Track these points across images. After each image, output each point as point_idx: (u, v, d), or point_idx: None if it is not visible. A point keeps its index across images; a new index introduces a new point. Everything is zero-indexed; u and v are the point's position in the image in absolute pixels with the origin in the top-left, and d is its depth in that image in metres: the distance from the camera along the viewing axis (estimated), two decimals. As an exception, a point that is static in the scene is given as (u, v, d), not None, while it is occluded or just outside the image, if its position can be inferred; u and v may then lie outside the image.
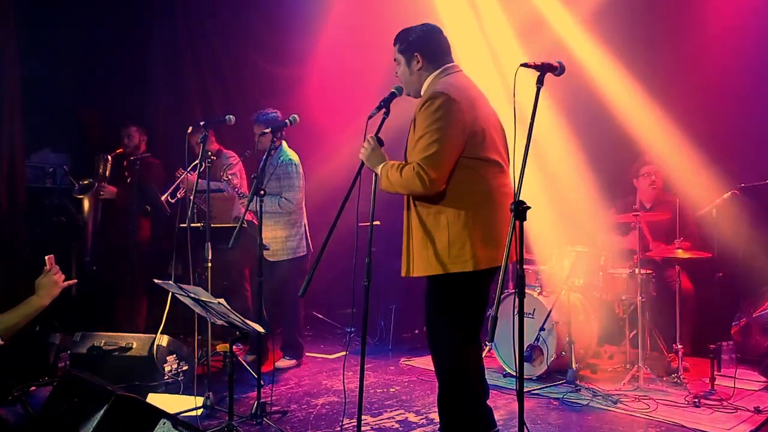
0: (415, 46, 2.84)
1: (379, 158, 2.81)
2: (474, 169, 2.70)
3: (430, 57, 2.84)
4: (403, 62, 2.89)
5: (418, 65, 2.85)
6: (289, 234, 4.62)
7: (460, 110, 2.65)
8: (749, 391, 4.09)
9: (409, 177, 2.64)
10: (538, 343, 4.36)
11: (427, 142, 2.63)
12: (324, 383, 4.35)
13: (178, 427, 2.43)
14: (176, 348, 4.19)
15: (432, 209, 2.72)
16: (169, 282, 2.95)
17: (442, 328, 2.82)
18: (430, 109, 2.65)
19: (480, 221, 2.69)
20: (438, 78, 2.82)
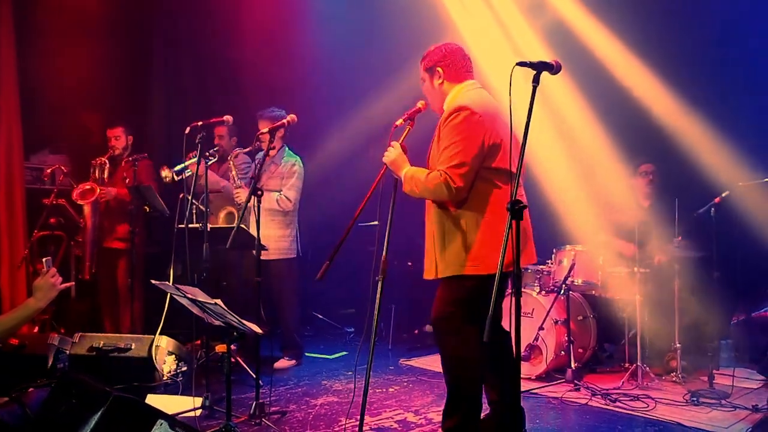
0: (438, 63, 3.02)
1: (404, 163, 2.97)
2: (491, 180, 2.87)
3: (452, 74, 3.01)
4: (427, 79, 3.07)
5: (440, 81, 3.02)
6: (282, 234, 4.62)
7: (481, 123, 2.82)
8: (747, 389, 4.10)
9: (436, 184, 2.80)
10: (537, 342, 4.37)
11: (452, 152, 2.79)
12: (323, 383, 4.35)
13: (175, 428, 2.43)
14: (175, 349, 4.19)
15: (452, 215, 2.90)
16: (166, 283, 2.95)
17: (453, 331, 2.92)
18: (455, 122, 2.82)
19: (495, 228, 2.82)
20: (459, 93, 2.98)
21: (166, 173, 4.38)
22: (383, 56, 6.05)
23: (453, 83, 3.02)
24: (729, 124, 4.88)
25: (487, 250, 2.82)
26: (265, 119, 4.56)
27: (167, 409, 3.34)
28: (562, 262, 4.55)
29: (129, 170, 4.90)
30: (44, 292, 2.70)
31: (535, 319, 4.40)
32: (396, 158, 2.98)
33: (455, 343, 2.92)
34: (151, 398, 3.72)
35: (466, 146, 2.79)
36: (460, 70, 3.02)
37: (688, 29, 5.05)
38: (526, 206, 2.32)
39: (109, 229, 5.12)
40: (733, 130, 4.84)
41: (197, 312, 3.05)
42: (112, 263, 5.14)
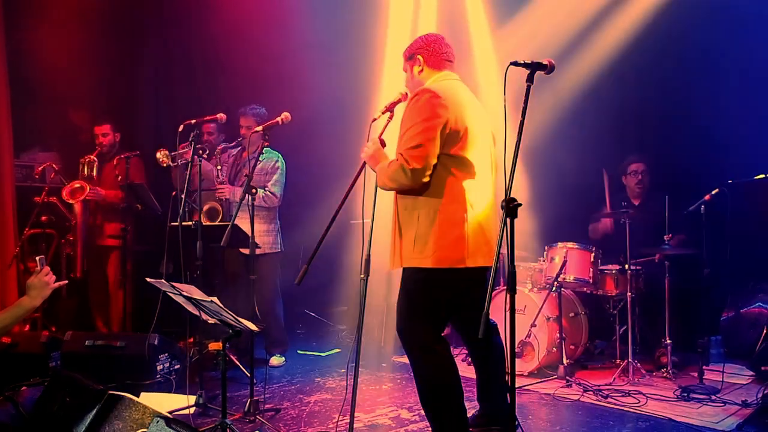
0: (418, 51, 2.99)
1: (380, 158, 2.90)
2: (449, 168, 2.78)
3: (431, 62, 2.97)
4: (408, 68, 3.04)
5: (419, 69, 2.99)
6: (267, 229, 4.61)
7: (443, 106, 2.74)
8: (737, 384, 4.14)
9: (394, 169, 2.74)
10: (530, 339, 4.39)
11: (410, 135, 2.73)
12: (317, 381, 4.35)
13: (171, 426, 2.43)
14: (168, 347, 4.18)
15: (409, 205, 2.83)
16: (161, 280, 2.94)
17: (410, 324, 2.87)
18: (415, 105, 2.77)
19: (448, 221, 2.76)
20: (434, 82, 2.93)
21: (161, 155, 4.34)
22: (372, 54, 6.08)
23: (432, 71, 2.97)
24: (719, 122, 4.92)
25: (442, 242, 2.74)
26: (248, 116, 4.57)
27: (161, 407, 3.33)
28: (554, 259, 4.58)
29: (121, 168, 4.88)
30: (38, 291, 2.69)
31: (527, 316, 4.43)
32: (373, 153, 2.90)
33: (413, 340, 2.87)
34: (145, 396, 3.71)
35: (425, 128, 2.71)
36: (440, 58, 2.97)
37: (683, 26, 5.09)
38: (520, 204, 2.33)
39: (101, 227, 5.10)
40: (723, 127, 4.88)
41: (192, 310, 3.04)
42: (103, 261, 5.12)
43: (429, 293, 2.82)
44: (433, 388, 2.85)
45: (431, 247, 2.74)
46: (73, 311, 5.37)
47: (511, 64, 2.50)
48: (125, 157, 4.86)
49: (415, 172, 2.69)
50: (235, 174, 4.68)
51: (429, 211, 2.77)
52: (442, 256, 2.74)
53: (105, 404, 2.63)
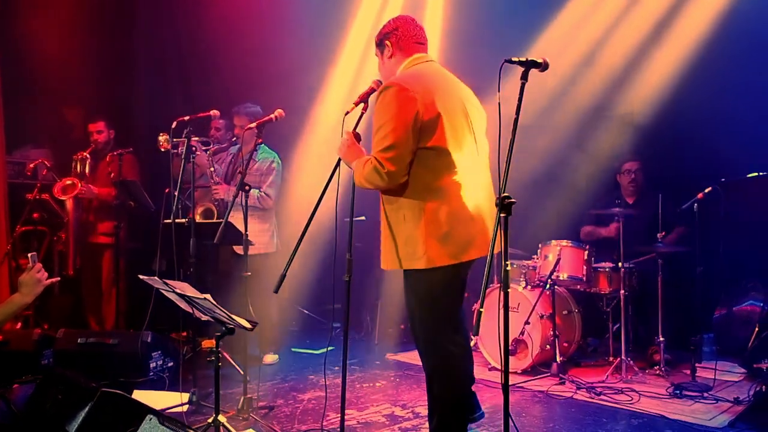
0: (386, 35, 2.86)
1: (355, 154, 2.77)
2: (427, 162, 2.66)
3: (402, 45, 2.83)
4: (379, 55, 2.92)
5: (389, 54, 2.86)
6: (261, 228, 4.57)
7: (410, 99, 2.60)
8: (729, 382, 4.16)
9: (369, 171, 2.62)
10: (523, 336, 4.40)
11: (381, 135, 2.61)
12: (310, 378, 4.35)
13: (164, 423, 2.42)
14: (161, 344, 4.16)
15: (394, 205, 2.73)
16: (154, 277, 2.93)
17: (418, 322, 2.82)
18: (383, 101, 2.64)
19: (435, 218, 2.66)
20: (405, 68, 2.82)
21: (163, 139, 4.28)
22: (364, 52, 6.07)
23: (403, 56, 2.84)
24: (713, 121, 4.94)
25: (432, 240, 2.65)
26: (242, 115, 4.54)
27: (154, 404, 3.32)
28: (548, 257, 4.59)
29: (114, 165, 4.86)
30: (30, 288, 2.67)
31: (520, 313, 4.44)
32: (347, 149, 2.77)
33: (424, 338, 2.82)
34: (138, 394, 3.70)
35: (395, 127, 2.58)
36: (410, 41, 2.84)
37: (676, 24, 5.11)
38: (514, 202, 2.32)
39: (93, 224, 5.08)
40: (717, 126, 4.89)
41: (185, 307, 3.03)
42: (96, 258, 5.10)
43: (429, 294, 2.75)
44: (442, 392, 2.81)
45: (422, 247, 2.65)
46: (65, 309, 5.35)
47: (505, 61, 2.49)
48: (119, 154, 4.84)
49: (390, 174, 2.59)
50: (232, 174, 4.66)
51: (414, 209, 2.67)
52: (434, 255, 2.65)
53: (97, 402, 2.62)
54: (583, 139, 5.61)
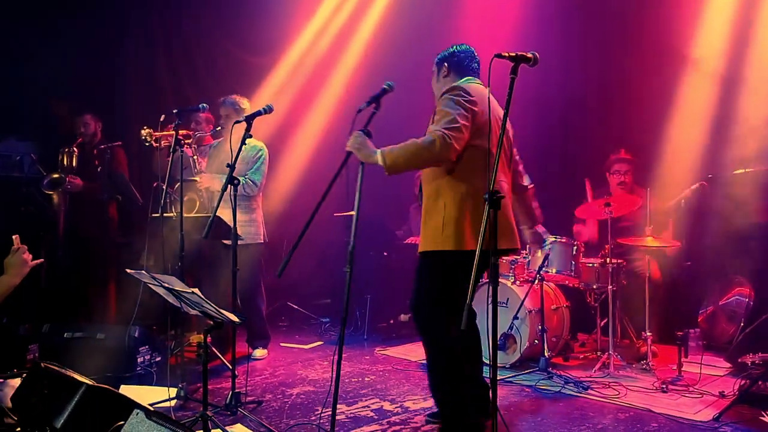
0: (446, 59, 3.26)
1: (369, 147, 2.99)
2: (474, 159, 2.99)
3: (456, 69, 3.23)
4: (435, 72, 3.31)
5: (444, 74, 3.25)
6: (248, 219, 4.55)
7: (473, 101, 3.00)
8: (714, 376, 4.19)
9: (430, 141, 2.89)
10: (512, 331, 4.42)
11: (448, 117, 2.94)
12: (299, 373, 4.35)
13: (151, 418, 2.40)
14: (149, 339, 4.13)
15: (433, 194, 3.09)
16: (141, 272, 2.91)
17: (430, 307, 3.09)
18: (450, 95, 3.02)
19: (472, 205, 2.98)
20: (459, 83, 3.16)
21: (146, 133, 4.25)
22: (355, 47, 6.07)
23: (456, 77, 3.21)
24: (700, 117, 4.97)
25: (462, 226, 2.97)
26: (227, 106, 4.52)
27: (141, 399, 3.30)
28: (537, 252, 4.60)
29: (101, 158, 4.82)
30: (17, 269, 2.68)
31: (509, 308, 4.45)
32: (360, 144, 2.99)
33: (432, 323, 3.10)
34: (125, 389, 3.69)
35: (461, 115, 2.94)
36: (463, 68, 3.22)
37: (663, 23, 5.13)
38: (503, 196, 2.36)
39: (81, 218, 5.03)
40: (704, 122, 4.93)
41: (173, 301, 3.01)
42: (83, 252, 5.05)
43: (458, 275, 2.93)
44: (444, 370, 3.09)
45: (456, 230, 2.97)
46: (54, 302, 5.30)
47: (495, 56, 2.50)
48: (106, 147, 4.80)
49: (449, 146, 2.87)
50: (218, 165, 4.63)
51: (455, 199, 3.00)
52: (470, 240, 2.95)
53: (84, 397, 2.60)
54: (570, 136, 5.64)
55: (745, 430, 3.25)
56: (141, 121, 5.70)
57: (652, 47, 5.15)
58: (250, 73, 6.14)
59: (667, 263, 4.78)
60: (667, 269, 4.79)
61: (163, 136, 4.23)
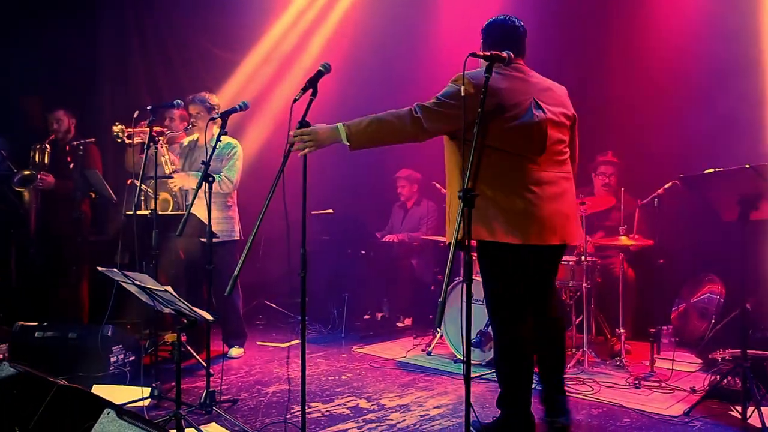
0: (484, 34, 3.05)
1: (331, 128, 2.79)
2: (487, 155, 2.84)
3: (493, 48, 2.88)
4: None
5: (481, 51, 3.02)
6: (223, 216, 4.53)
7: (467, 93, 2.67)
8: (686, 372, 4.27)
9: (402, 113, 2.80)
10: (488, 329, 4.44)
11: (432, 100, 2.83)
12: (275, 372, 4.33)
13: (122, 417, 2.38)
14: (122, 338, 4.08)
15: (452, 188, 3.01)
16: (113, 269, 2.88)
17: (488, 295, 3.06)
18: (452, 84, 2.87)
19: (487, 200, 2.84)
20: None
21: (118, 129, 4.19)
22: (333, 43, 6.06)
23: None
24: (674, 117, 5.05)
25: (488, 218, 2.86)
26: (197, 103, 4.48)
27: (114, 399, 3.28)
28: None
29: (74, 155, 4.75)
30: None
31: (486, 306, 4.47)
32: (318, 135, 2.74)
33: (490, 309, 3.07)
34: (98, 388, 3.64)
35: (442, 100, 2.80)
36: (498, 43, 2.93)
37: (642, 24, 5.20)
38: (477, 195, 2.38)
39: (54, 216, 4.95)
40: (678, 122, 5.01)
41: (146, 299, 2.99)
42: (55, 250, 4.98)
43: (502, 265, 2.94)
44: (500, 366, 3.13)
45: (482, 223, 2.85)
46: (24, 301, 5.22)
47: (470, 55, 2.53)
48: (79, 144, 4.73)
49: (417, 121, 2.78)
50: (190, 164, 4.60)
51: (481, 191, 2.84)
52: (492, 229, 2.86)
53: (54, 397, 2.56)
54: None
55: (714, 424, 3.31)
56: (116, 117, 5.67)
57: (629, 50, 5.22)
58: (223, 69, 6.11)
59: (641, 261, 4.85)
60: (640, 267, 4.85)
61: (136, 132, 4.18)
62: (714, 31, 4.80)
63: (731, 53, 4.70)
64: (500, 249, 2.89)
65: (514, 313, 2.98)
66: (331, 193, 6.19)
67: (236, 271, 2.46)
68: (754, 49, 4.72)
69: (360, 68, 5.98)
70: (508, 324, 3.01)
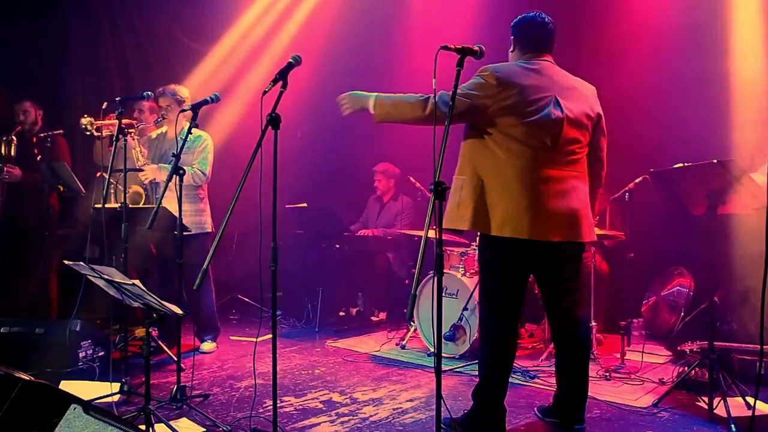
0: (512, 30, 3.06)
1: (364, 94, 2.95)
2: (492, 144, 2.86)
3: (522, 44, 3.02)
4: (510, 43, 3.10)
5: (511, 49, 3.08)
6: (196, 208, 4.50)
7: (488, 84, 2.82)
8: (655, 364, 4.33)
9: (422, 99, 2.84)
10: (461, 322, 4.46)
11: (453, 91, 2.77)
12: (248, 366, 4.29)
13: (89, 412, 2.34)
14: (91, 333, 4.01)
15: (457, 175, 3.00)
16: (80, 263, 2.82)
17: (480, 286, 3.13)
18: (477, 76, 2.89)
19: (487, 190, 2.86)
20: (518, 64, 2.97)
21: (86, 122, 4.12)
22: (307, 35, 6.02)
23: (520, 53, 3.03)
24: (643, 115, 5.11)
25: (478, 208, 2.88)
26: (167, 96, 4.43)
27: (83, 394, 3.21)
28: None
29: (41, 147, 4.65)
30: None
31: (459, 299, 4.50)
32: (352, 97, 2.96)
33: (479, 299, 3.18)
34: (66, 384, 3.58)
35: (463, 92, 2.81)
36: (529, 42, 3.00)
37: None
38: (448, 187, 2.37)
39: (20, 209, 4.85)
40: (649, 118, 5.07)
41: (114, 294, 2.94)
42: (22, 244, 4.87)
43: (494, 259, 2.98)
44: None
45: (468, 212, 2.88)
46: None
47: (441, 48, 2.52)
48: (46, 135, 4.63)
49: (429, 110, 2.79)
50: (159, 156, 4.53)
51: (471, 180, 2.89)
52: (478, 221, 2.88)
53: (20, 393, 2.51)
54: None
55: (682, 415, 3.37)
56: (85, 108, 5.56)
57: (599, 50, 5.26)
58: (195, 60, 6.03)
59: (612, 255, 4.91)
60: (611, 261, 4.91)
61: (104, 124, 4.10)
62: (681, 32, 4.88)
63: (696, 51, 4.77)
64: (494, 242, 2.91)
65: (500, 307, 3.01)
66: (306, 187, 6.16)
67: (205, 265, 2.43)
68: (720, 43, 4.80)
69: (332, 59, 5.95)
70: (491, 317, 3.05)
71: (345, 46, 6.03)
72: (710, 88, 4.70)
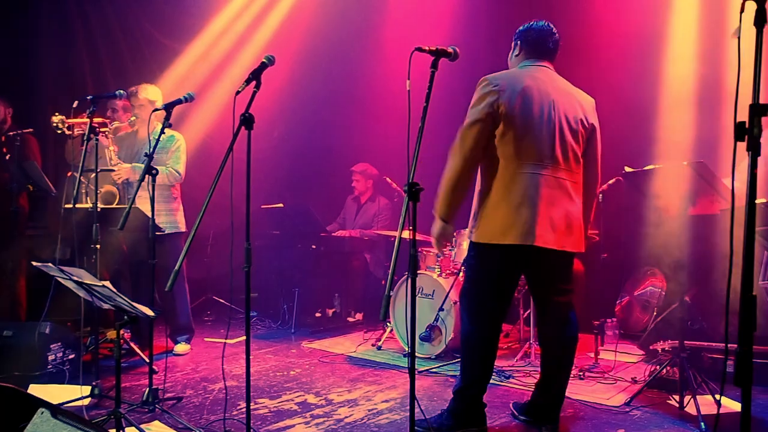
0: (519, 36, 3.10)
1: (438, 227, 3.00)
2: (492, 150, 2.88)
3: (527, 50, 3.06)
4: (511, 47, 3.17)
5: (516, 53, 3.12)
6: (169, 208, 4.48)
7: (492, 93, 2.85)
8: (628, 363, 4.39)
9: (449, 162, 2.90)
10: (437, 323, 4.47)
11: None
12: (223, 368, 4.25)
13: (57, 416, 2.29)
14: (61, 335, 3.94)
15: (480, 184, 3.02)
16: (48, 264, 2.76)
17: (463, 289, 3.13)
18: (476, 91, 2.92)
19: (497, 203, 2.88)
20: (519, 68, 3.04)
21: (57, 120, 4.05)
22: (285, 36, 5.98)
23: (525, 58, 3.07)
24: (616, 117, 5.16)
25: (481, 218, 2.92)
26: (140, 95, 4.39)
27: (52, 398, 3.17)
28: (462, 244, 4.67)
29: (10, 146, 4.55)
30: None
31: (435, 300, 4.51)
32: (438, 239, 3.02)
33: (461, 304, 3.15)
34: (35, 388, 3.51)
35: (471, 114, 2.86)
36: (535, 49, 3.05)
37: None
38: (422, 189, 2.38)
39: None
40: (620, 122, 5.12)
41: (84, 295, 2.89)
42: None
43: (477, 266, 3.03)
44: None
45: (480, 222, 2.93)
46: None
47: (416, 50, 2.53)
48: (16, 134, 4.53)
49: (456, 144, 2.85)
50: (132, 156, 4.48)
51: (484, 191, 2.93)
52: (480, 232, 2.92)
53: (-16, 397, 2.45)
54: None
55: (653, 413, 3.41)
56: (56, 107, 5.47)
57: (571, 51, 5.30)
58: (169, 58, 5.97)
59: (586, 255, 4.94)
60: (585, 261, 4.95)
61: (76, 123, 4.03)
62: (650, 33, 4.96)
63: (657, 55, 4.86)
64: (479, 247, 2.96)
65: (488, 309, 3.01)
66: (282, 187, 6.12)
67: (177, 265, 2.39)
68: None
69: (308, 60, 5.93)
70: (477, 317, 3.04)
71: (321, 46, 6.02)
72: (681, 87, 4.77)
